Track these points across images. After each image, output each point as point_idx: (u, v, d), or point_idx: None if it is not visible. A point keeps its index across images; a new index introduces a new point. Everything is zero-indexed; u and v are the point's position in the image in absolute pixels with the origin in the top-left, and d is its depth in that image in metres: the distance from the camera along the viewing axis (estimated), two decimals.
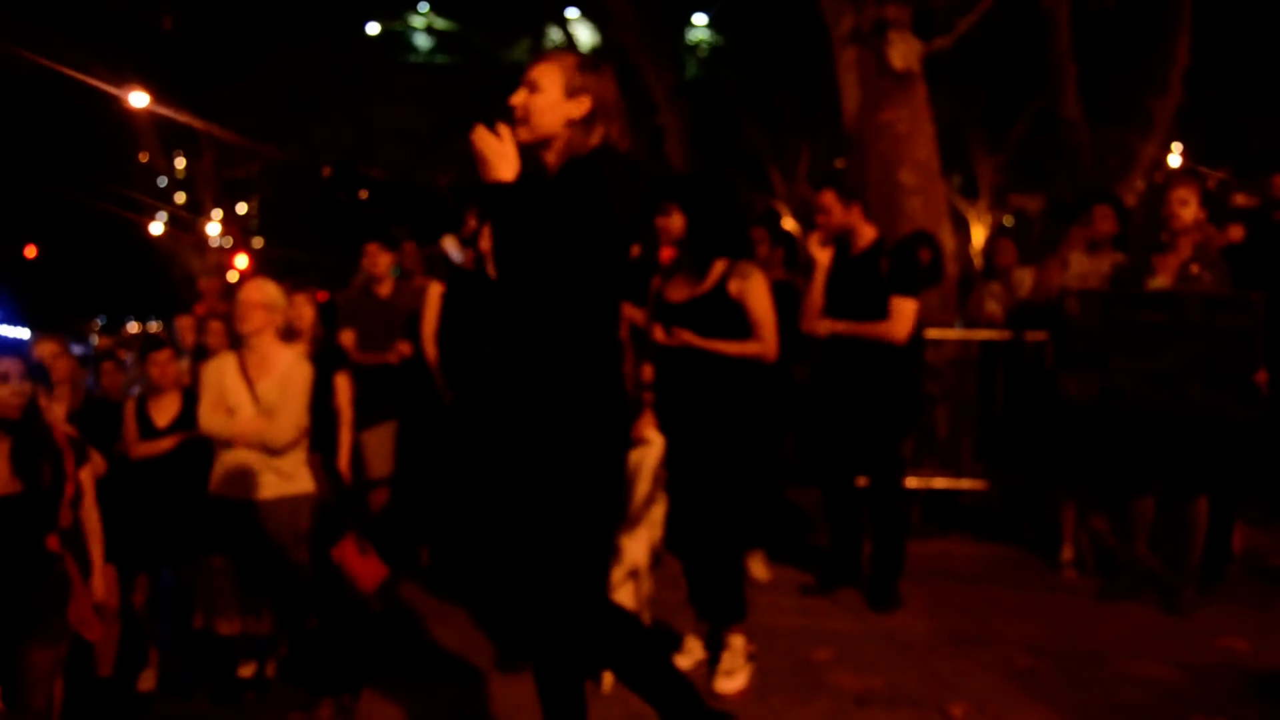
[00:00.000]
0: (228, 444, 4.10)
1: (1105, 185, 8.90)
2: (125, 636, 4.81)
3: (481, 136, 2.57)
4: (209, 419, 4.12)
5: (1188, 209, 4.40)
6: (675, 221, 3.75)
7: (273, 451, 4.09)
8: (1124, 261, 4.87)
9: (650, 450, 3.74)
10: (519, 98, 2.66)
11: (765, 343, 3.79)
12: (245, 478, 4.08)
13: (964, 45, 7.05)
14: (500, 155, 2.57)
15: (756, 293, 3.76)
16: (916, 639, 4.16)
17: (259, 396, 4.11)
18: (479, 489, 2.71)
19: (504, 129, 2.60)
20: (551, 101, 2.65)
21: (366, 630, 4.31)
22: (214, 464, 4.17)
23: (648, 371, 3.92)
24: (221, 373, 4.18)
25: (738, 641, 3.77)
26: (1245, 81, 14.30)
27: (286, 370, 4.15)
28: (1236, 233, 4.74)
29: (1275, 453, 4.61)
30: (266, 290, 4.18)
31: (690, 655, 3.86)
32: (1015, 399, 5.62)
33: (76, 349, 5.27)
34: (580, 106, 2.65)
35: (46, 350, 4.58)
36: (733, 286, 3.74)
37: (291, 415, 4.10)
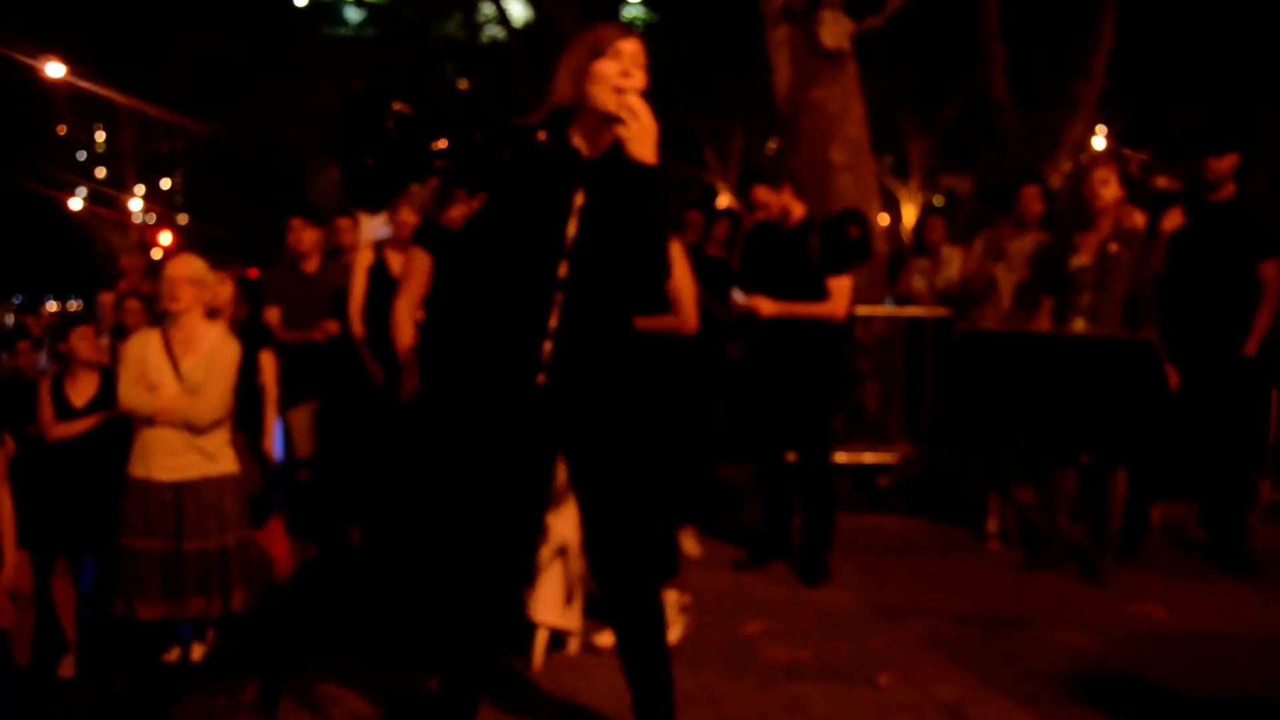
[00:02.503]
0: (149, 422, 3.98)
1: (1032, 166, 9.05)
2: (42, 623, 4.70)
3: (639, 105, 2.44)
4: (129, 395, 3.99)
5: (1108, 188, 4.52)
6: None
7: (196, 430, 3.98)
8: (1048, 240, 4.98)
9: None
10: (636, 73, 2.50)
11: (684, 316, 3.77)
12: (167, 457, 3.98)
13: (895, 26, 7.10)
14: (650, 132, 2.44)
15: (675, 265, 3.74)
16: (846, 611, 4.22)
17: (183, 374, 3.99)
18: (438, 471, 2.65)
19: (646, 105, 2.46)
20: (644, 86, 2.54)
21: (294, 613, 4.25)
22: (133, 444, 4.05)
23: None
24: (144, 348, 4.04)
25: (671, 596, 3.82)
26: (1169, 65, 14.62)
27: (213, 347, 4.04)
28: (1174, 219, 4.84)
29: (1195, 430, 4.74)
30: (194, 266, 4.06)
31: (674, 628, 3.85)
32: (942, 375, 5.70)
33: None
34: None
35: None
36: None
37: (217, 393, 3.99)
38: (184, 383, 3.98)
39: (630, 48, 2.53)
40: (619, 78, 2.49)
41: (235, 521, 4.08)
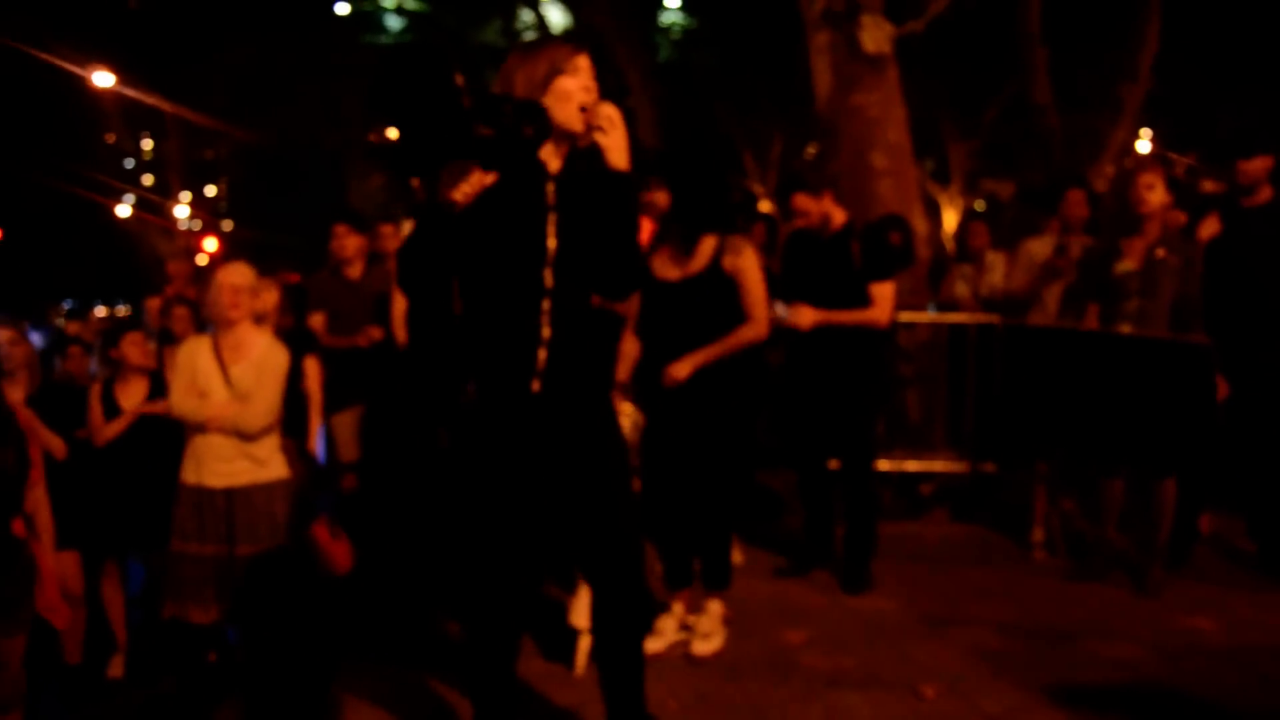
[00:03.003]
0: (200, 429, 4.03)
1: (1075, 170, 8.95)
2: (93, 623, 4.77)
3: (615, 115, 2.52)
4: (181, 402, 4.05)
5: (1154, 193, 4.44)
6: (660, 197, 3.73)
7: (246, 437, 4.03)
8: (1093, 245, 4.92)
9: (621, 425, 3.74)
10: (591, 84, 2.58)
11: (758, 323, 3.82)
12: (218, 464, 4.03)
13: (936, 29, 7.04)
14: (625, 141, 2.52)
15: (751, 269, 3.77)
16: (889, 620, 4.19)
17: (233, 381, 4.04)
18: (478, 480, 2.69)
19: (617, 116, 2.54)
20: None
21: (339, 615, 4.28)
22: (185, 451, 4.10)
23: (630, 350, 3.89)
24: (194, 356, 4.10)
25: (716, 607, 3.86)
26: (1215, 67, 14.40)
27: (262, 354, 4.09)
28: (1211, 226, 4.77)
29: (1243, 440, 4.66)
30: (247, 274, 4.12)
31: (663, 637, 3.86)
32: (986, 382, 5.65)
33: (35, 336, 5.19)
34: None
35: (4, 336, 4.51)
36: (727, 263, 3.74)
37: (266, 400, 4.04)
38: (233, 389, 4.03)
39: (585, 63, 2.60)
40: (582, 93, 2.56)
41: (287, 526, 4.12)
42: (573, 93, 2.54)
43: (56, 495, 3.62)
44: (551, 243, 2.60)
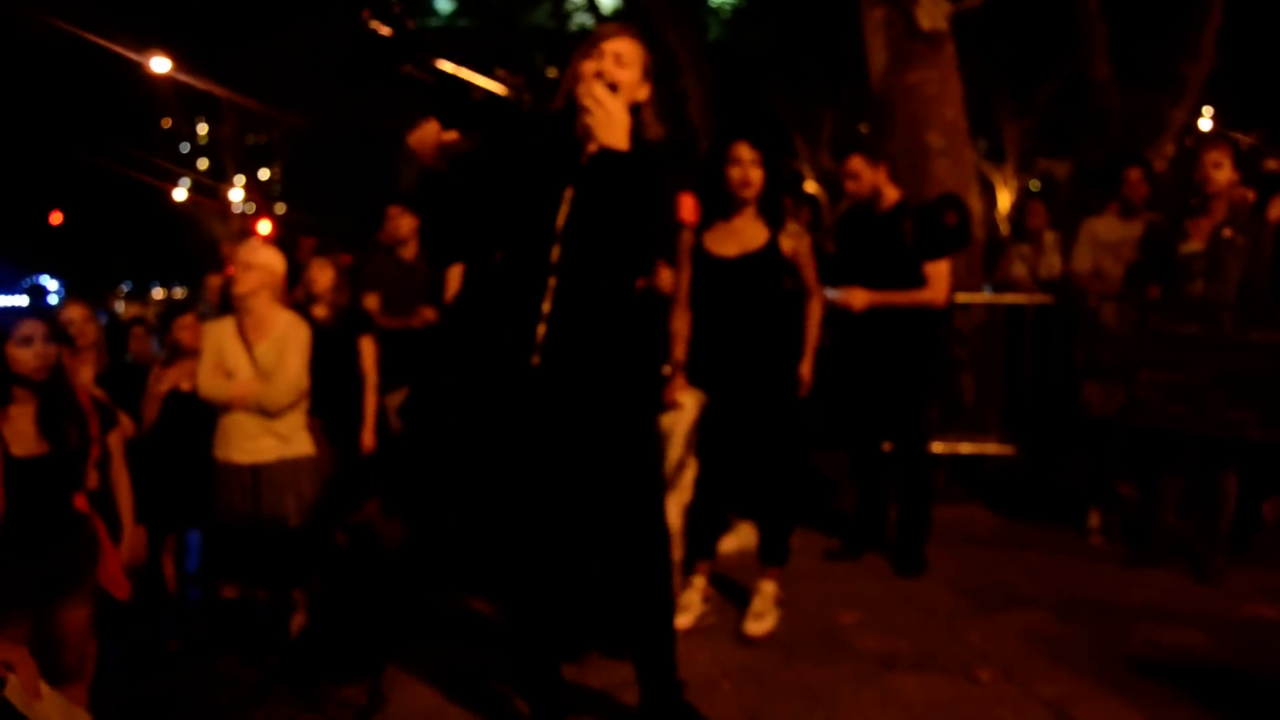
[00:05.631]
0: (226, 407, 4.10)
1: (1135, 149, 8.76)
2: (155, 597, 4.86)
3: (603, 94, 2.51)
4: (207, 382, 4.12)
5: (1221, 171, 4.32)
6: (755, 174, 3.71)
7: (270, 414, 4.08)
8: (1157, 221, 4.80)
9: (683, 415, 3.74)
10: (611, 69, 2.60)
11: (818, 298, 3.97)
12: (244, 440, 4.09)
13: (992, 5, 6.92)
14: (615, 119, 2.50)
15: (808, 254, 3.82)
16: (942, 603, 4.15)
17: (257, 358, 4.10)
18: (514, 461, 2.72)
19: (614, 94, 2.54)
20: (633, 80, 2.65)
21: (393, 594, 4.32)
22: (215, 428, 4.18)
23: (681, 328, 3.88)
24: (220, 335, 4.17)
25: (769, 587, 3.88)
26: (1278, 43, 14.00)
27: (284, 332, 4.13)
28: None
29: None
30: (260, 252, 4.17)
31: (690, 611, 3.85)
32: (1043, 364, 5.56)
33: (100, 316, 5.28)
34: (645, 91, 2.69)
35: (76, 314, 4.58)
36: (786, 245, 3.76)
37: (288, 377, 4.08)
38: (258, 366, 4.08)
39: (613, 47, 2.62)
40: (592, 75, 2.57)
41: (313, 502, 4.17)
42: (585, 74, 2.58)
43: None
44: (561, 218, 2.61)
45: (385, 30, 2.42)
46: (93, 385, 4.15)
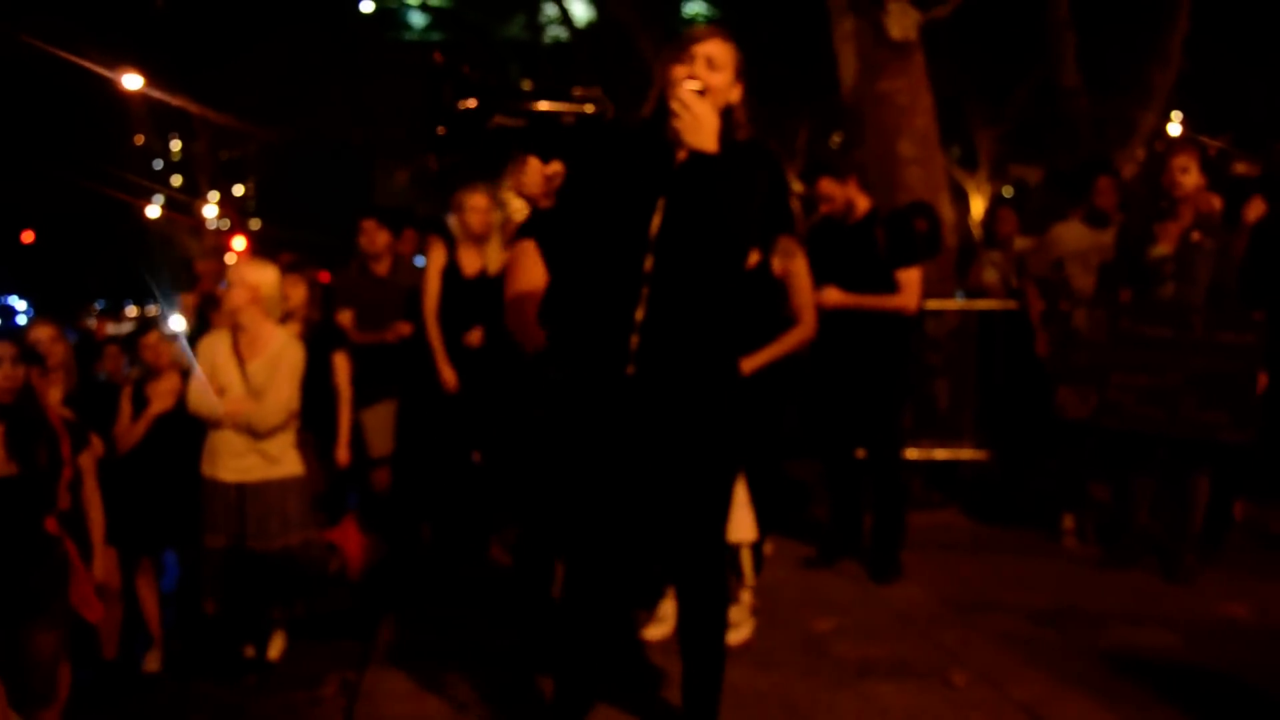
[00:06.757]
0: (216, 423, 4.08)
1: (1104, 155, 8.84)
2: (129, 619, 4.82)
3: (690, 98, 2.50)
4: (197, 399, 4.09)
5: (1189, 176, 4.38)
6: None
7: (259, 434, 4.06)
8: (1125, 223, 4.85)
9: None
10: (703, 72, 2.58)
11: (807, 325, 3.92)
12: (230, 459, 4.06)
13: (962, 14, 6.98)
14: (703, 123, 2.50)
15: (802, 273, 3.77)
16: (918, 609, 4.17)
17: (249, 375, 4.08)
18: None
19: (702, 98, 2.53)
20: (725, 83, 2.63)
21: (367, 608, 4.30)
22: (203, 445, 4.14)
23: None
24: (213, 351, 4.15)
25: (746, 596, 3.86)
26: (1246, 48, 14.17)
27: (278, 351, 4.11)
28: (1257, 208, 4.69)
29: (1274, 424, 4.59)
30: (251, 269, 4.15)
31: (665, 623, 3.85)
32: (1016, 369, 5.60)
33: (70, 335, 5.21)
34: (738, 92, 2.68)
35: (44, 334, 4.54)
36: (777, 265, 3.73)
37: (279, 398, 4.06)
38: (249, 384, 4.05)
39: (705, 49, 2.60)
40: (683, 80, 2.56)
41: (299, 523, 4.14)
42: (676, 79, 2.57)
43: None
44: (655, 225, 2.61)
45: (512, 122, 2.42)
46: (60, 405, 4.11)
